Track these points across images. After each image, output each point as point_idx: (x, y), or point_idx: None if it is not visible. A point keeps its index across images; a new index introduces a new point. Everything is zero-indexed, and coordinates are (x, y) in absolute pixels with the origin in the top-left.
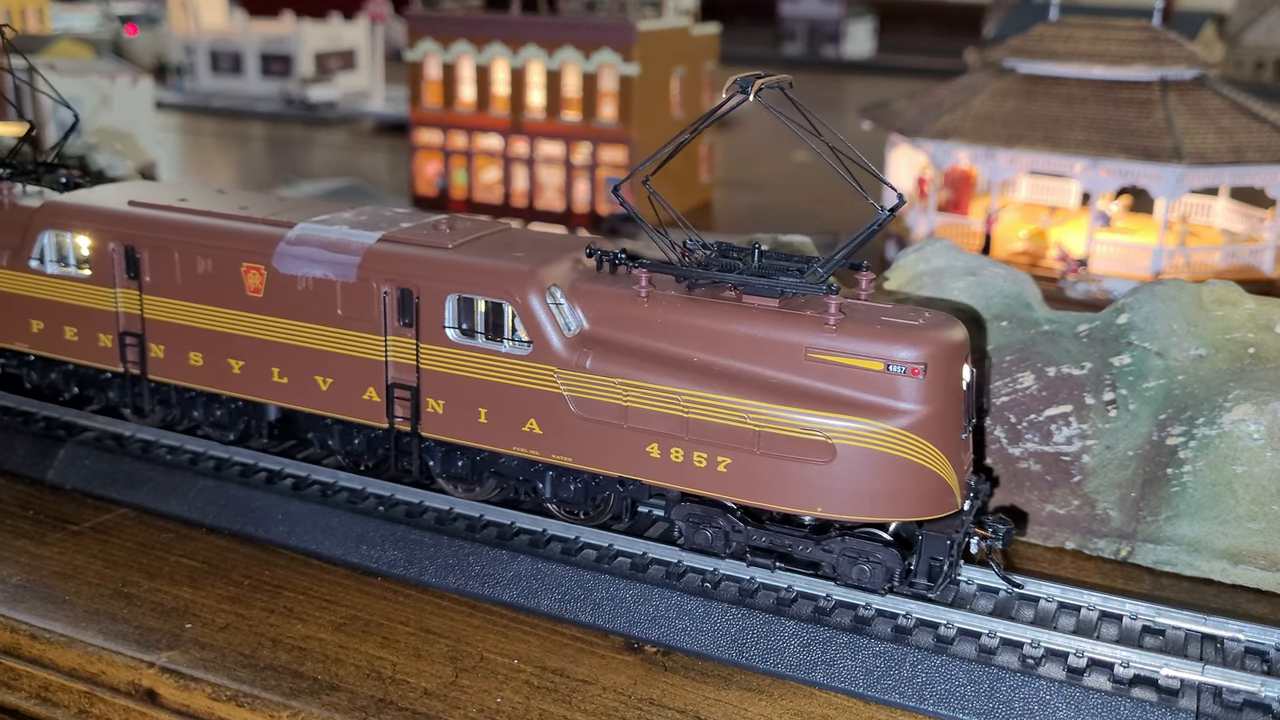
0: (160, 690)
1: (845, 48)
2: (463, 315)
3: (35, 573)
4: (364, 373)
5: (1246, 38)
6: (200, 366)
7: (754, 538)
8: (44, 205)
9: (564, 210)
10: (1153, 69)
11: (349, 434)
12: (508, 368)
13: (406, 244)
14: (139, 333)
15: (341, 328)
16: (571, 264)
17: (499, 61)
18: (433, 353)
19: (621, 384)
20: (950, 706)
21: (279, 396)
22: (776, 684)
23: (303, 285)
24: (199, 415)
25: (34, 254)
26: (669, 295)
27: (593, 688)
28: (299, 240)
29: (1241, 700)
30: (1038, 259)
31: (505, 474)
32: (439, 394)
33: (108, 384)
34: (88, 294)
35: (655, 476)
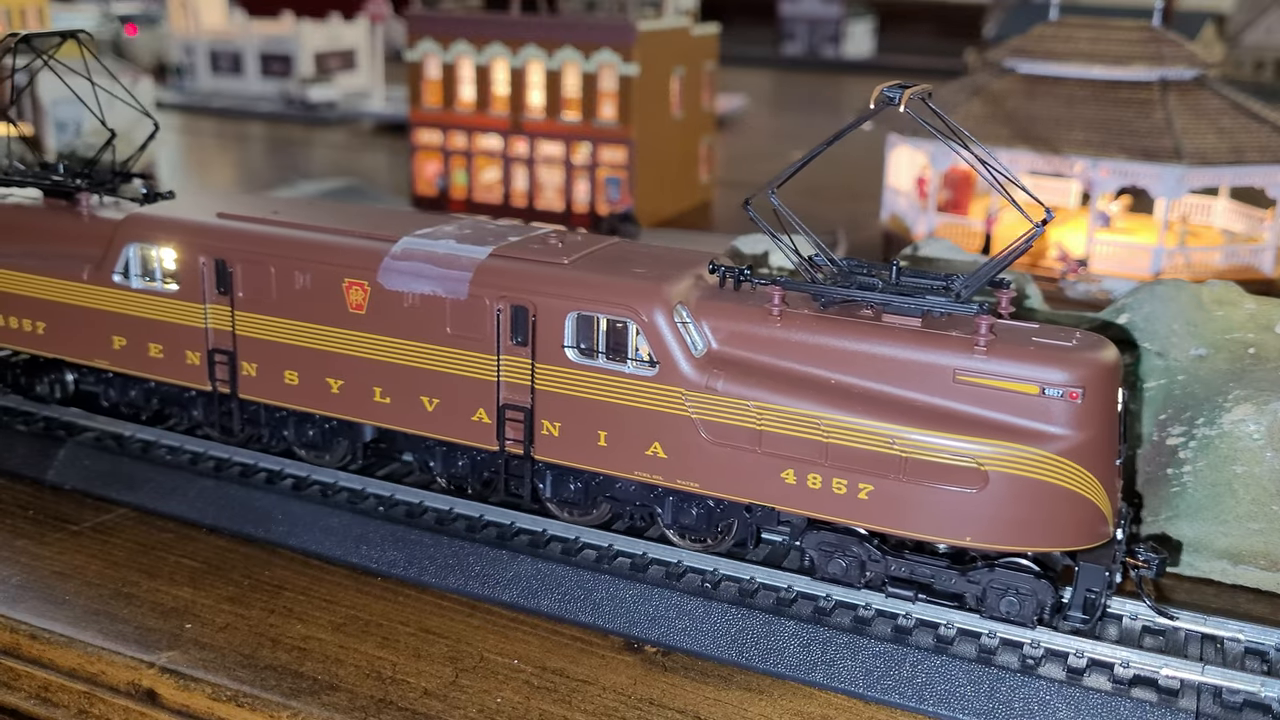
0: (160, 690)
1: (845, 48)
2: (582, 334)
3: (35, 573)
4: (474, 393)
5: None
6: (296, 385)
7: (893, 568)
8: (129, 217)
9: (564, 210)
10: (1153, 69)
11: (453, 456)
12: (631, 389)
13: (520, 259)
14: (230, 350)
15: (450, 346)
16: (694, 280)
17: (499, 61)
18: (549, 373)
19: (756, 407)
20: (950, 707)
21: (380, 417)
22: (776, 684)
23: (409, 302)
24: (290, 435)
25: (118, 268)
26: (802, 314)
27: (593, 688)
28: (404, 255)
29: (1241, 700)
30: (1038, 259)
31: (621, 499)
32: (555, 416)
33: (191, 402)
34: (175, 309)
35: (790, 503)
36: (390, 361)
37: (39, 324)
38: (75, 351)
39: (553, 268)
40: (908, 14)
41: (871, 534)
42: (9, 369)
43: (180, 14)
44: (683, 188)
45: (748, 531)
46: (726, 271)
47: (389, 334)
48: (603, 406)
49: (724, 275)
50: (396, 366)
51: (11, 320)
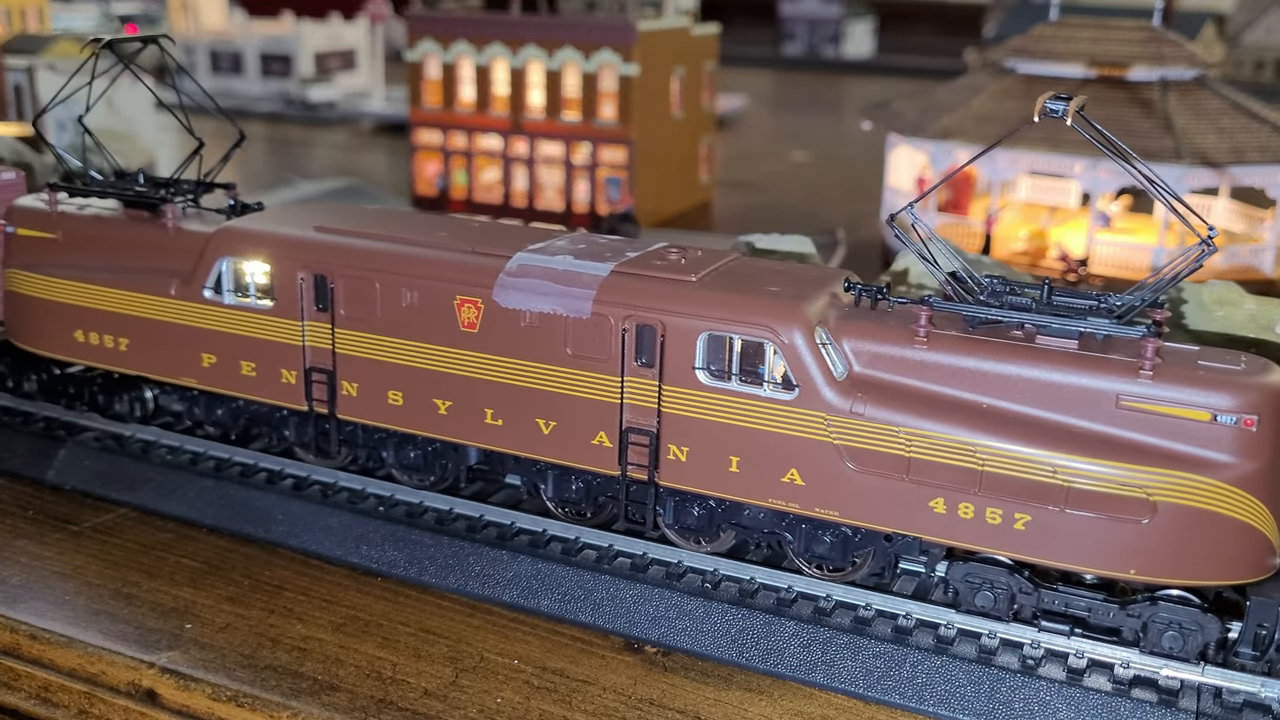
0: (160, 690)
1: (845, 48)
2: (714, 355)
3: (35, 573)
4: (594, 416)
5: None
6: (400, 406)
7: (1046, 601)
8: (222, 230)
9: (564, 210)
10: (1153, 69)
11: (566, 480)
12: (768, 413)
13: (645, 276)
14: (328, 369)
15: (570, 367)
16: (829, 299)
17: (499, 61)
18: (677, 395)
19: (906, 433)
20: (950, 707)
21: (492, 440)
22: (777, 684)
23: (526, 321)
24: (389, 457)
25: (209, 282)
26: (950, 335)
27: (593, 688)
28: (521, 272)
29: (1241, 701)
30: (1038, 259)
31: (748, 527)
32: (683, 440)
33: (283, 422)
34: (270, 326)
35: (938, 533)
36: (504, 382)
37: (121, 340)
38: (161, 369)
39: (681, 285)
40: (908, 14)
41: (1020, 565)
42: (85, 386)
43: (180, 14)
44: (683, 188)
45: (885, 561)
46: (863, 290)
47: (503, 354)
48: (736, 431)
49: (860, 294)
50: (510, 387)
51: (91, 336)
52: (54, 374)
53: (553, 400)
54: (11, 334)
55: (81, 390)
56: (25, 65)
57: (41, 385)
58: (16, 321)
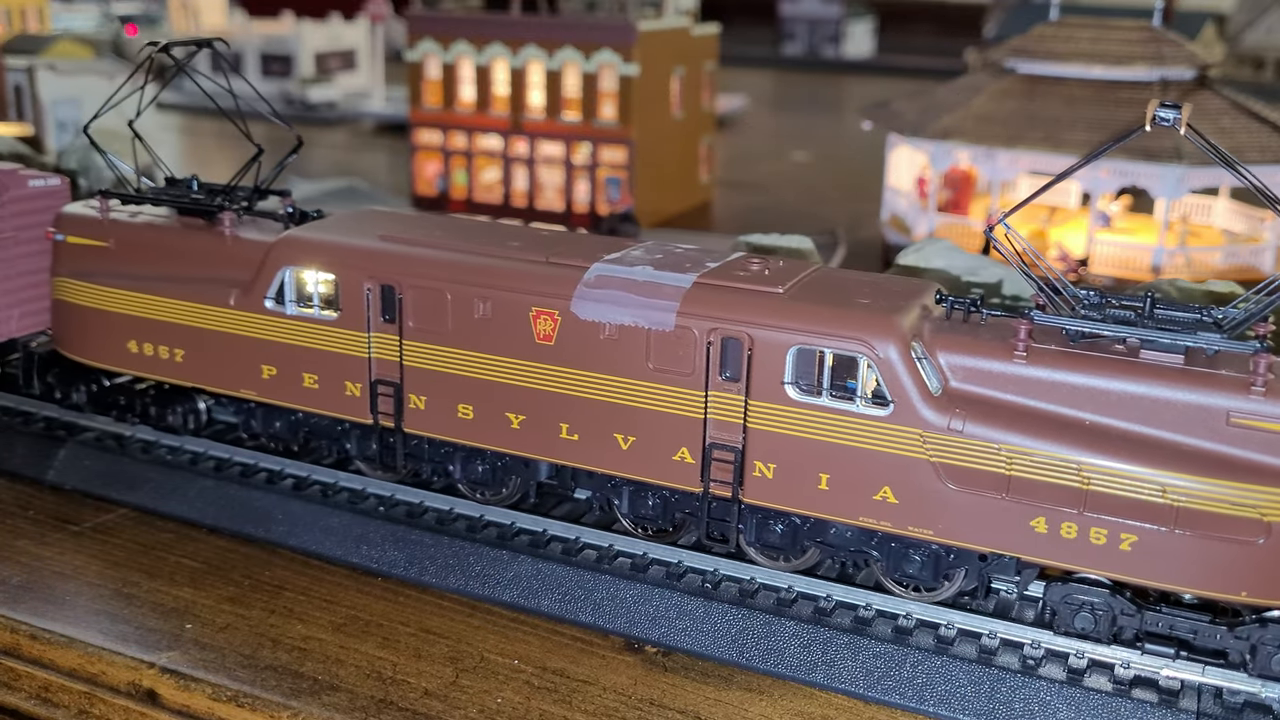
0: (160, 690)
1: (845, 48)
2: (803, 369)
3: (35, 573)
4: (676, 431)
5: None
6: (470, 420)
7: (1149, 622)
8: (285, 239)
9: (564, 210)
10: (1153, 69)
11: (642, 496)
12: (861, 429)
13: (730, 287)
14: (395, 381)
15: (651, 381)
16: (921, 311)
17: (499, 61)
18: (765, 411)
19: (1007, 451)
20: (951, 707)
21: (567, 455)
22: (777, 684)
23: (605, 333)
24: (456, 471)
25: (270, 292)
26: (1051, 350)
27: (593, 688)
28: (599, 283)
29: (1242, 701)
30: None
31: (834, 545)
32: (770, 457)
33: (345, 435)
34: (334, 338)
35: (1039, 553)
36: (581, 396)
37: (177, 351)
38: (218, 381)
39: (768, 297)
40: (908, 14)
41: (1122, 586)
42: (137, 398)
43: (180, 14)
44: (683, 188)
45: (979, 580)
46: (954, 302)
47: (581, 367)
48: (826, 447)
49: (952, 306)
50: (588, 401)
51: (145, 347)
52: (104, 385)
53: (632, 415)
54: (60, 344)
55: (133, 402)
56: (25, 65)
57: (91, 397)
58: (66, 331)
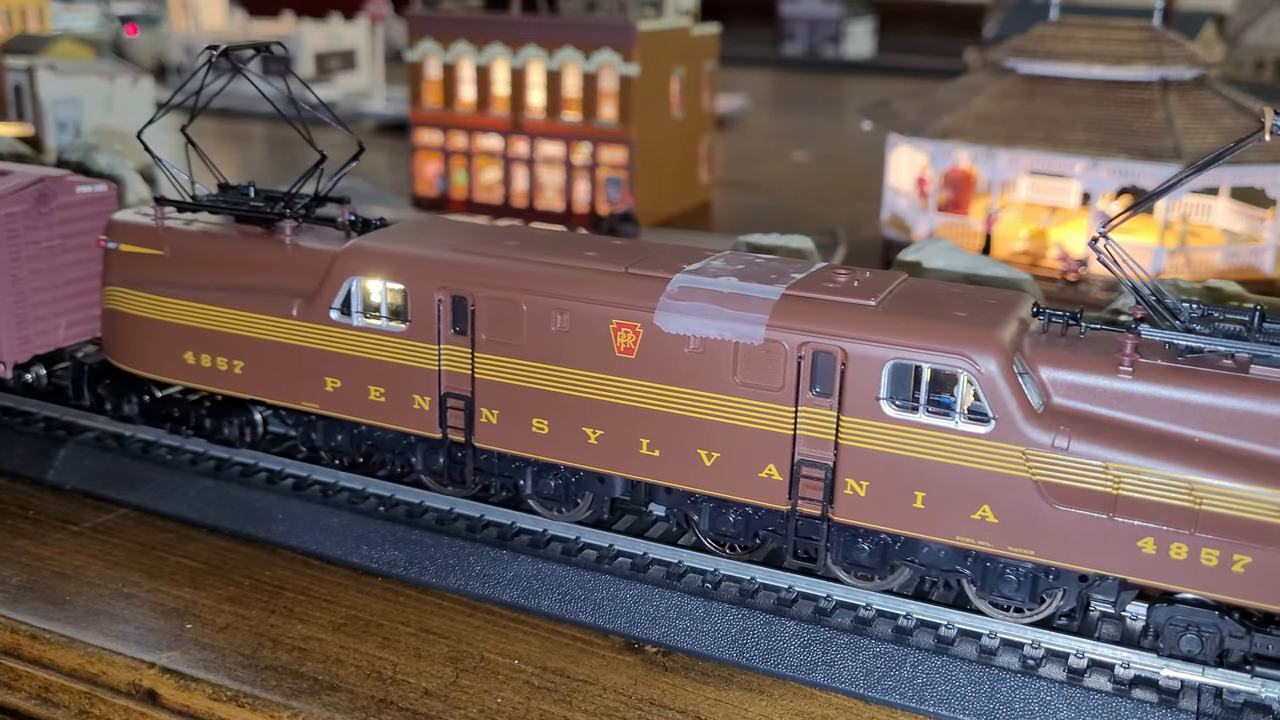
0: (161, 690)
1: (845, 48)
2: (899, 384)
3: (35, 573)
4: (763, 447)
5: (1246, 38)
6: (545, 435)
7: (1261, 645)
8: (352, 248)
9: (564, 210)
10: (1153, 69)
11: (722, 513)
12: (960, 447)
13: (823, 300)
14: (466, 395)
15: (738, 395)
16: (1019, 325)
17: (499, 61)
18: (858, 427)
19: (1115, 469)
20: (951, 707)
21: (646, 471)
22: (777, 684)
23: (690, 347)
24: (526, 487)
25: (335, 303)
26: (1157, 365)
27: (593, 688)
28: (683, 294)
29: (1242, 701)
30: (1038, 259)
31: (926, 564)
32: (862, 474)
33: (410, 449)
34: (402, 350)
35: (1146, 574)
36: (663, 411)
37: (236, 362)
38: (279, 393)
39: (861, 310)
40: (908, 14)
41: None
42: (191, 409)
43: (180, 14)
44: (683, 188)
45: (1078, 601)
46: (1052, 315)
47: (663, 381)
48: (922, 465)
49: (1049, 319)
50: (670, 416)
51: (203, 358)
52: (156, 396)
53: (717, 430)
54: (111, 354)
55: (187, 414)
56: (25, 65)
57: (143, 408)
58: (117, 341)
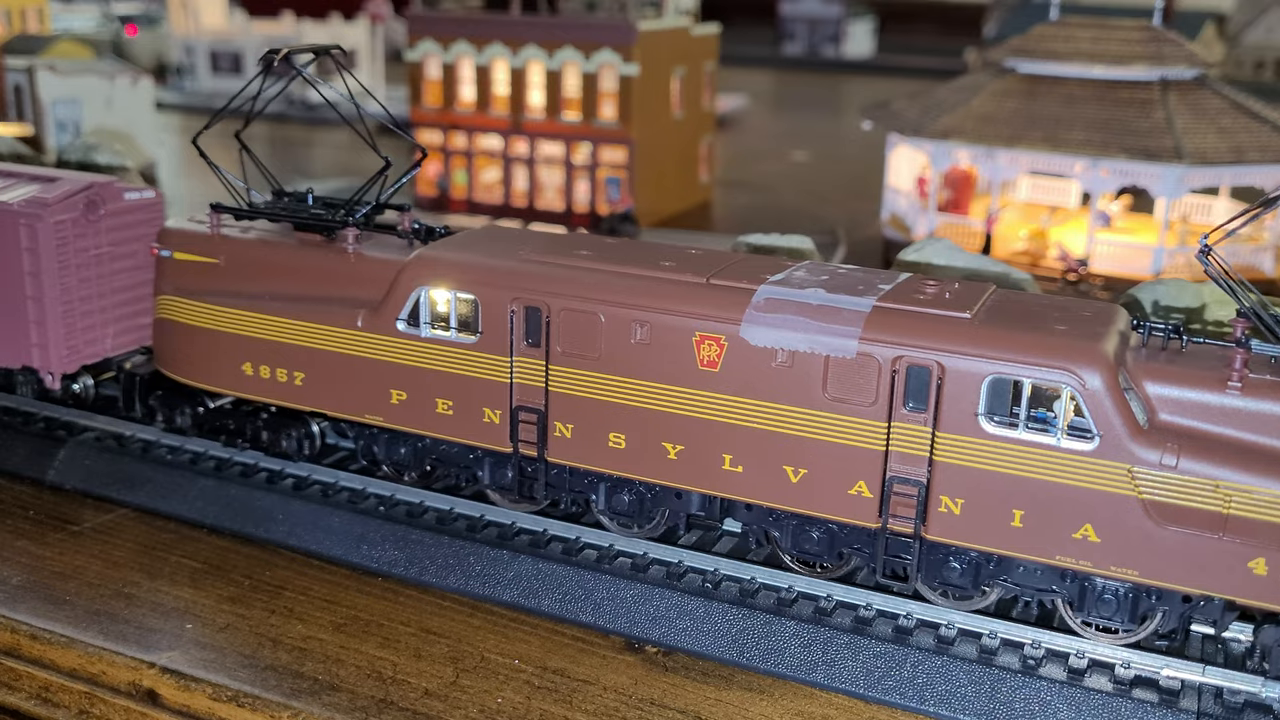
0: (161, 690)
1: (845, 48)
2: (998, 399)
3: (36, 573)
4: (853, 464)
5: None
6: (621, 450)
7: None
8: (420, 258)
9: (564, 210)
10: (1153, 69)
11: (806, 530)
12: (1062, 464)
13: (917, 313)
14: (538, 408)
15: (827, 410)
16: (1120, 339)
17: (499, 62)
18: (955, 443)
19: (1225, 488)
20: (951, 707)
21: (728, 487)
22: (777, 684)
23: (777, 360)
24: (598, 502)
25: (403, 314)
26: (1266, 380)
27: (593, 688)
28: (770, 306)
29: (1242, 701)
30: (1038, 259)
31: (1020, 584)
32: (958, 492)
33: (477, 463)
34: (473, 362)
35: (1255, 596)
36: (747, 426)
37: (297, 374)
38: (342, 405)
39: (957, 323)
40: (908, 14)
41: None
42: (246, 421)
43: (180, 14)
44: (683, 188)
45: (1179, 623)
46: (1152, 328)
47: (748, 395)
48: (1022, 483)
49: (1149, 332)
50: (755, 431)
51: (262, 369)
52: (211, 408)
53: (804, 446)
54: (164, 365)
55: (243, 426)
56: (25, 65)
57: (196, 420)
58: (171, 352)
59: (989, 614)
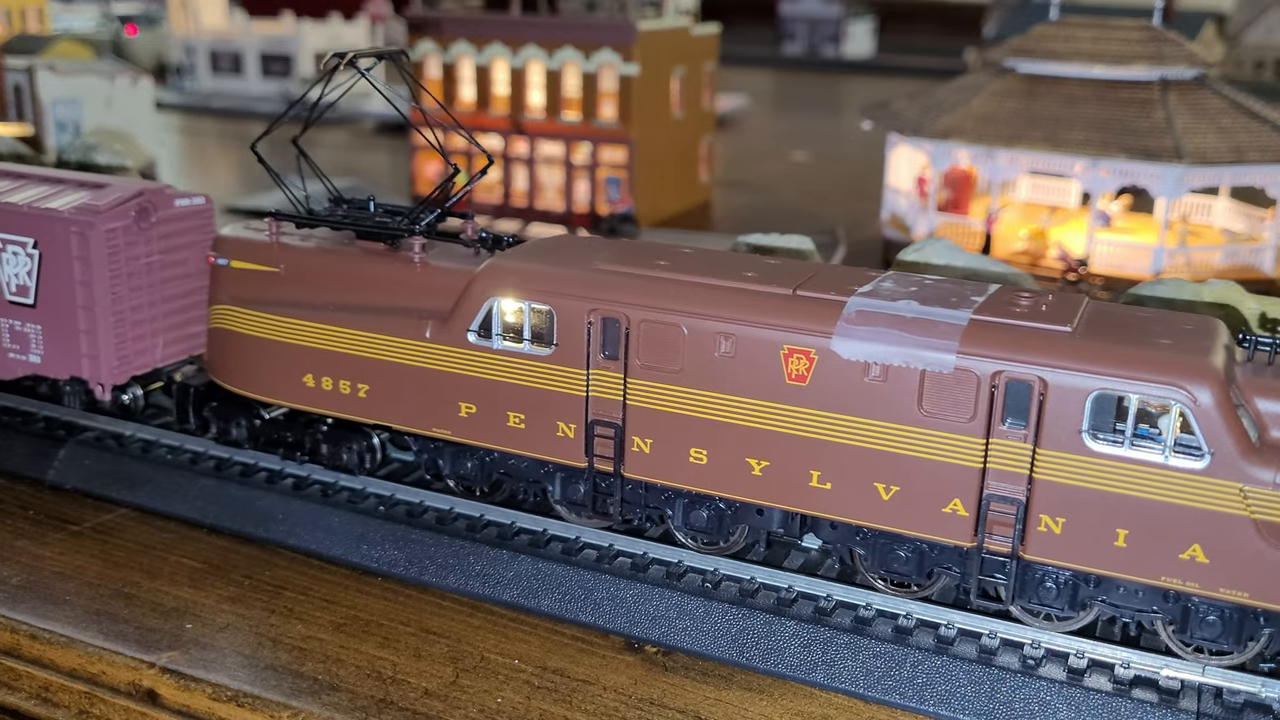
0: (161, 690)
1: (845, 48)
2: (1102, 416)
3: (35, 573)
4: (949, 481)
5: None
6: (703, 465)
7: None
8: (493, 267)
9: (564, 210)
10: (1153, 69)
11: (893, 549)
12: (1170, 483)
13: (1016, 326)
14: (615, 423)
15: (922, 426)
16: (1227, 353)
17: (499, 61)
18: (1056, 461)
19: None
20: (951, 707)
21: (815, 504)
22: (777, 684)
23: (871, 374)
24: (675, 518)
25: (474, 325)
26: None
27: (593, 688)
28: (862, 319)
29: (1242, 701)
30: (1038, 259)
31: (1120, 604)
32: (1059, 511)
33: (548, 478)
34: (547, 375)
35: None
36: (837, 442)
37: (361, 386)
38: (408, 419)
39: (1058, 336)
40: (908, 14)
41: None
42: (305, 434)
43: (180, 14)
44: (683, 188)
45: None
46: (1259, 343)
47: (839, 410)
48: (1127, 502)
49: (1255, 346)
50: (845, 447)
51: (324, 381)
52: (268, 420)
53: (898, 463)
54: (219, 375)
55: (301, 439)
56: (25, 65)
57: (252, 433)
58: (227, 363)
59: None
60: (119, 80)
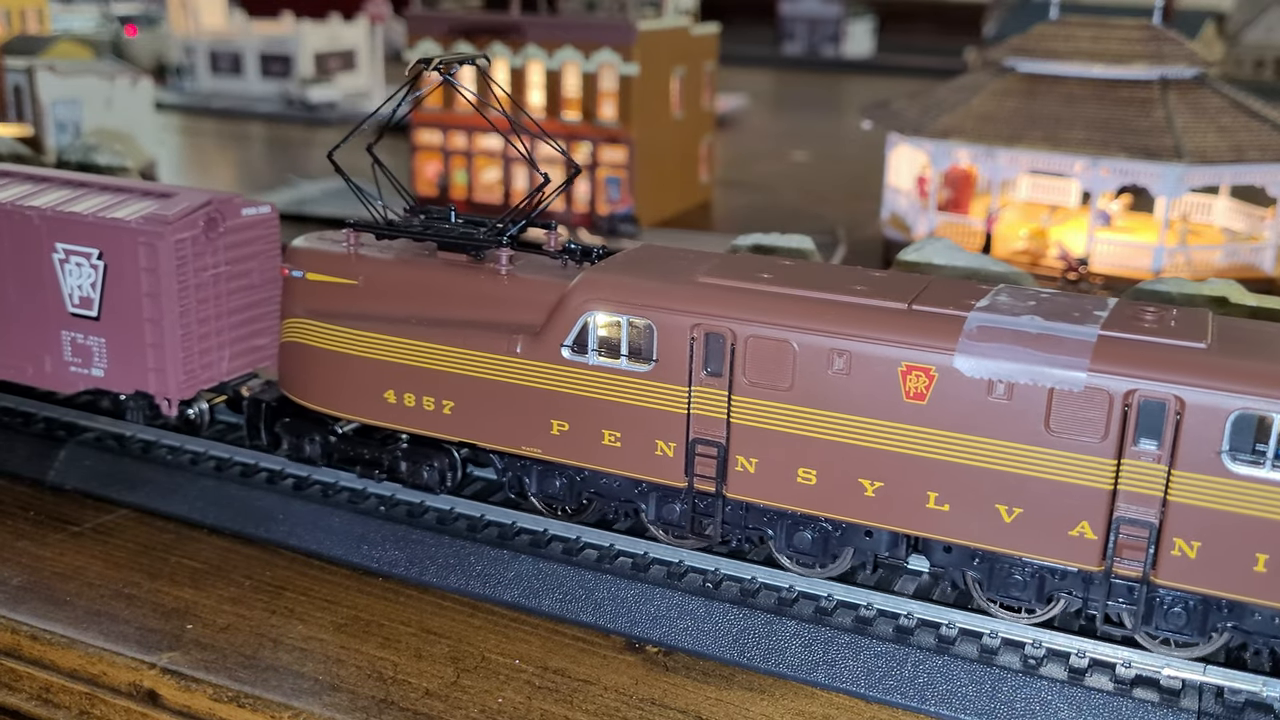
0: (161, 691)
1: (845, 47)
2: (1240, 436)
3: (36, 574)
4: (1076, 504)
5: (1246, 37)
6: (811, 486)
7: None
8: (589, 280)
9: (564, 210)
10: (1153, 68)
11: (1010, 574)
12: None
13: (1148, 342)
14: (718, 441)
15: (1049, 446)
16: None
17: (499, 61)
18: (1193, 483)
19: None
20: (952, 707)
21: (931, 527)
22: (778, 684)
23: (994, 393)
24: (779, 541)
25: (568, 340)
26: None
27: (594, 688)
28: (984, 335)
29: (1243, 700)
30: (1038, 258)
31: (1253, 631)
32: (1195, 534)
33: (643, 497)
34: (646, 391)
35: None
36: (957, 462)
37: (445, 403)
38: (496, 437)
39: (1195, 353)
40: (908, 14)
41: None
42: (383, 451)
43: (180, 14)
44: (683, 188)
45: None
46: None
47: (959, 429)
48: (1268, 525)
49: None
50: (966, 468)
51: (406, 398)
52: (344, 436)
53: (1021, 484)
54: (294, 391)
55: (379, 456)
56: (25, 66)
57: (326, 449)
58: (302, 378)
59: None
60: (119, 81)
